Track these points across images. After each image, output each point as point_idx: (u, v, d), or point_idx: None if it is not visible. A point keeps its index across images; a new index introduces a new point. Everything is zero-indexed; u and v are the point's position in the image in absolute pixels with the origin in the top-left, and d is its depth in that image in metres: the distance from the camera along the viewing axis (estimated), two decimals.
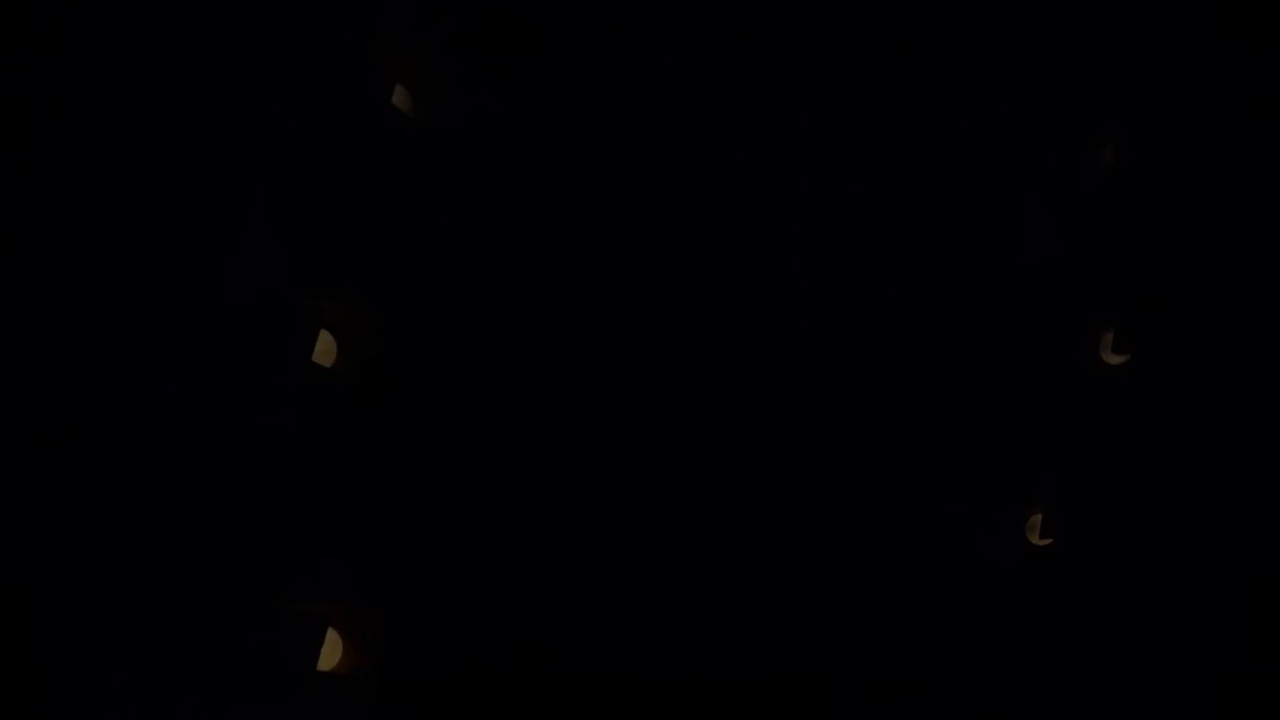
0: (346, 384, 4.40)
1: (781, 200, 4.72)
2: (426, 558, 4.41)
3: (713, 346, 4.64)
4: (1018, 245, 4.62)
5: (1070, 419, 4.41)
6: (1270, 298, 4.24)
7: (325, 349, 4.38)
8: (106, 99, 4.10)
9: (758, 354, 4.62)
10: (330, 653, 4.21)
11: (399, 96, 4.60)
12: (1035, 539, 4.39)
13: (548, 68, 4.80)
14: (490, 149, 4.70)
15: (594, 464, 4.52)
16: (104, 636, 3.83)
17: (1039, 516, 4.40)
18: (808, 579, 4.42)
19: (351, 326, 4.43)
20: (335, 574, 4.26)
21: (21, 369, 3.89)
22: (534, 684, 4.32)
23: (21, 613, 3.74)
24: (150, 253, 4.15)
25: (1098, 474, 4.33)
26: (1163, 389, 4.30)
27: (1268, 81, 4.34)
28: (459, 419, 4.53)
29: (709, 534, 4.46)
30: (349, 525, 4.31)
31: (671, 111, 4.78)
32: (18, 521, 3.78)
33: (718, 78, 4.80)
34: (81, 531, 3.86)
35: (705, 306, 4.66)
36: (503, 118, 4.73)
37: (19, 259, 3.94)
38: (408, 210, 4.56)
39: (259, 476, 4.13)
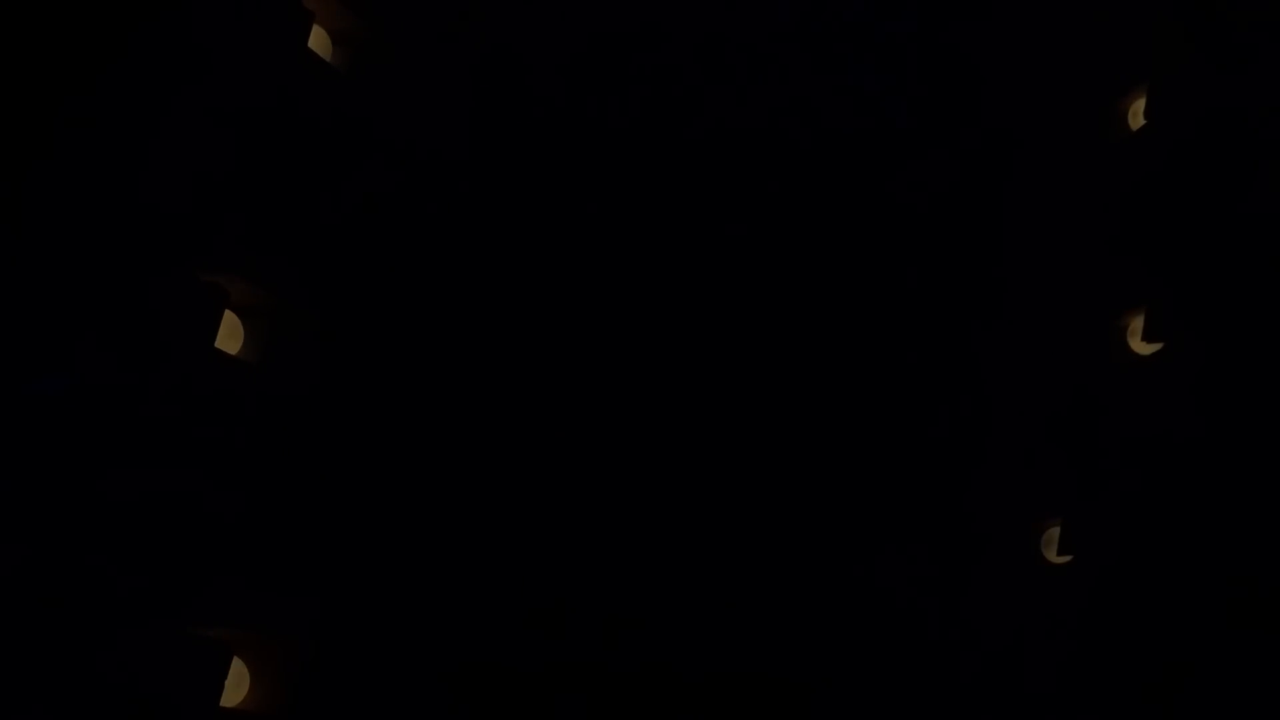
0: (254, 373, 4.03)
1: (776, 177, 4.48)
2: (348, 575, 4.04)
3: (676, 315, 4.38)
4: (1036, 222, 4.36)
5: (1093, 415, 4.00)
6: None
7: (230, 333, 4.02)
8: None
9: (745, 341, 4.35)
10: (236, 686, 3.86)
11: (316, 39, 4.22)
12: (1051, 555, 4.00)
13: (493, 12, 4.49)
14: (422, 101, 4.36)
15: (538, 465, 4.21)
16: None
17: (1056, 529, 4.01)
18: (801, 589, 4.15)
19: (261, 307, 4.06)
20: (241, 594, 3.89)
21: None
22: None
23: None
24: (15, 214, 3.74)
25: (1127, 480, 3.90)
26: (1203, 381, 3.85)
27: None
28: (384, 413, 4.18)
29: (662, 553, 4.19)
30: (257, 537, 3.93)
31: (626, 60, 4.54)
32: None
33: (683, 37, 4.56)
34: None
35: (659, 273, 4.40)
36: (439, 64, 4.40)
37: None
38: (326, 171, 4.19)
39: (150, 479, 3.75)
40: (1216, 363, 3.83)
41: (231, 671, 3.82)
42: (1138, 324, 4.02)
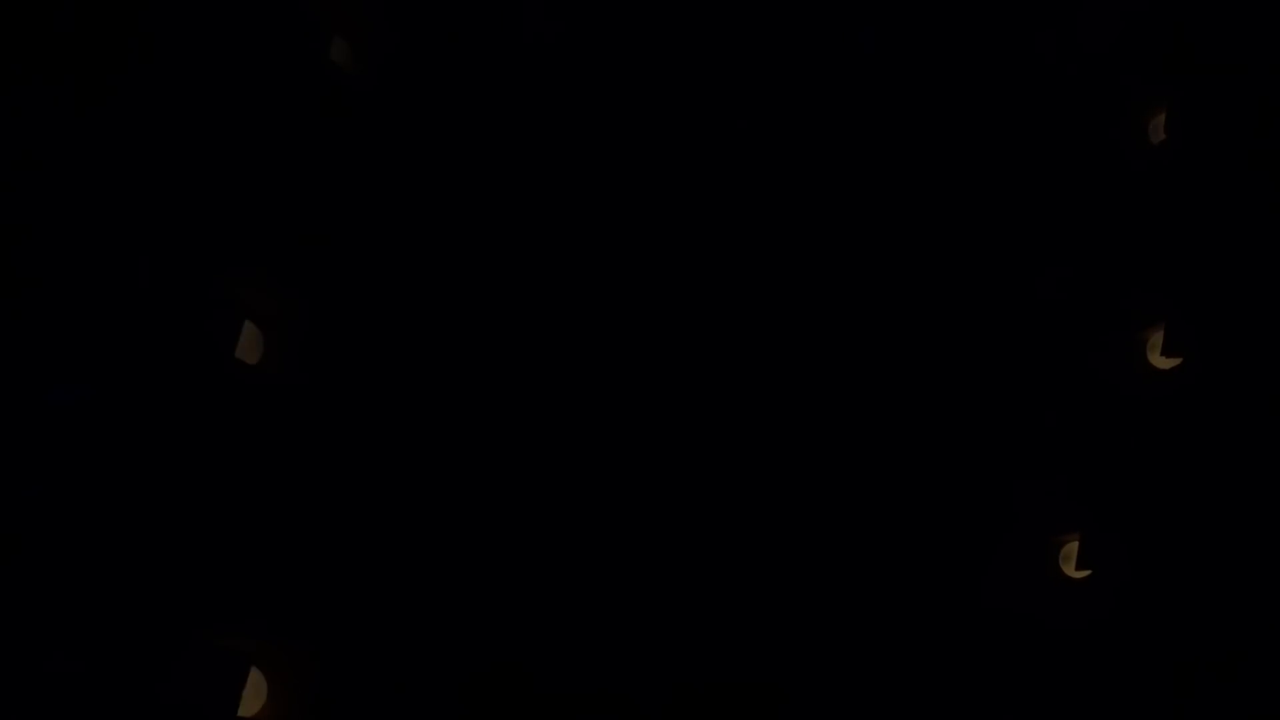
0: (274, 383, 4.06)
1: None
2: (365, 586, 4.02)
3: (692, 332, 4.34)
4: (1055, 236, 4.29)
5: (1114, 431, 3.97)
6: None
7: (250, 343, 4.04)
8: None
9: (745, 348, 4.31)
10: (253, 697, 3.83)
11: (338, 50, 4.25)
12: (1070, 569, 3.96)
13: (508, 23, 4.51)
14: (441, 113, 4.36)
15: (548, 476, 4.17)
16: None
17: (1074, 543, 3.97)
18: (810, 606, 4.09)
19: (281, 318, 4.08)
20: (260, 604, 3.89)
21: None
22: None
23: None
24: (42, 230, 3.79)
25: (1145, 495, 3.87)
26: (1220, 397, 3.82)
27: None
28: (401, 425, 4.15)
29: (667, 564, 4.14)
30: (276, 547, 3.93)
31: (641, 69, 4.52)
32: None
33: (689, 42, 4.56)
34: None
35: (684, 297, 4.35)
36: (456, 78, 4.40)
37: None
38: (346, 183, 4.20)
39: (171, 489, 3.78)
40: (1237, 378, 3.82)
41: (249, 681, 3.79)
42: (1158, 339, 4.00)
